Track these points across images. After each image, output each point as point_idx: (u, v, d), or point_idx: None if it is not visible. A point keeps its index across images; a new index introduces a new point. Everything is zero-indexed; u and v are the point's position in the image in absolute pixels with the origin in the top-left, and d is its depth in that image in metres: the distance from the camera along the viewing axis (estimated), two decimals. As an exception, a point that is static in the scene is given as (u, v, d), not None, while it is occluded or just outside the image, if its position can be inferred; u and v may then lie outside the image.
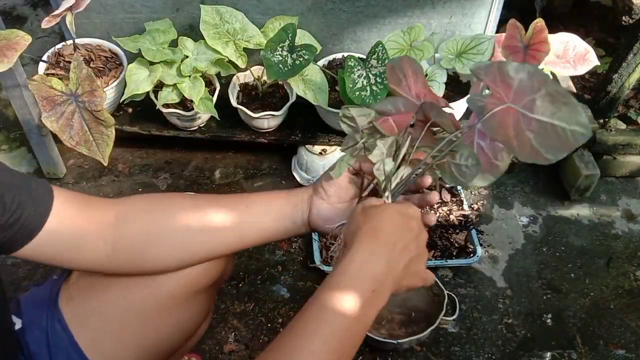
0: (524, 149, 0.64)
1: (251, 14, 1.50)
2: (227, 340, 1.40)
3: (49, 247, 0.75)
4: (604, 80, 1.60)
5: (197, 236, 0.81)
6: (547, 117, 0.62)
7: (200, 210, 0.81)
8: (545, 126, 0.62)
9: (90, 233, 0.77)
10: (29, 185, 0.73)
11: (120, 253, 0.79)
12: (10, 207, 0.70)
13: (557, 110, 0.61)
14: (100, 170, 1.76)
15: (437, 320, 1.32)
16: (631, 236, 1.66)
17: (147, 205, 0.83)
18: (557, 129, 0.61)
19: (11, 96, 1.51)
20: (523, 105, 0.63)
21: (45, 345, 0.84)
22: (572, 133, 0.60)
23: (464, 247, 1.52)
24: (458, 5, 1.52)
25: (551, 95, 0.61)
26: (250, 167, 1.79)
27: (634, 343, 1.43)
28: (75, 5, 1.30)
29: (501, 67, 0.65)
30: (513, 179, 1.78)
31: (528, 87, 0.63)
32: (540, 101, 0.62)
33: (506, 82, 0.65)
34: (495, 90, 0.66)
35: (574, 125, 0.60)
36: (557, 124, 0.61)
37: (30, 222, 0.72)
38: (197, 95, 1.45)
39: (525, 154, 0.64)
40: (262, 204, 0.83)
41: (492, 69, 0.67)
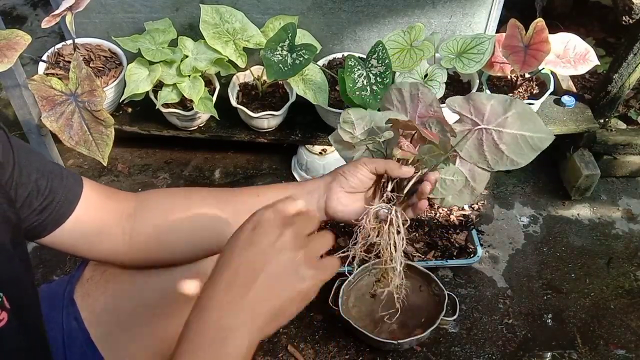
0: (500, 160, 0.83)
1: (251, 14, 1.50)
2: (227, 341, 1.40)
3: (74, 235, 0.78)
4: (604, 80, 1.60)
5: (212, 226, 0.83)
6: (516, 129, 0.81)
7: (214, 202, 0.84)
8: (516, 137, 0.82)
9: (112, 223, 0.81)
10: (61, 173, 0.77)
11: (137, 242, 0.82)
12: (43, 191, 0.73)
13: (524, 124, 0.81)
14: (99, 170, 1.76)
15: (438, 321, 1.32)
16: (631, 236, 1.65)
17: (166, 196, 0.87)
18: (525, 138, 0.82)
19: (11, 96, 1.51)
20: (496, 124, 0.82)
21: (61, 343, 0.85)
22: (539, 139, 0.81)
23: (464, 247, 1.52)
24: (458, 4, 1.52)
25: (519, 113, 0.81)
26: (250, 167, 1.79)
27: (634, 343, 1.42)
28: (75, 5, 1.30)
29: (473, 97, 0.82)
30: (513, 179, 1.78)
31: (499, 110, 0.81)
32: (511, 118, 0.81)
33: (479, 109, 0.82)
34: (468, 118, 0.83)
35: (538, 133, 0.81)
36: (525, 134, 0.81)
37: (60, 208, 0.75)
38: (196, 95, 1.45)
39: (502, 163, 0.83)
40: (274, 192, 0.85)
41: (464, 101, 0.83)
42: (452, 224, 1.57)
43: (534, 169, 1.80)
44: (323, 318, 1.44)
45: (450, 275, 1.54)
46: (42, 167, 0.75)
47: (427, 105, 0.86)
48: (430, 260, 1.49)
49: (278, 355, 1.38)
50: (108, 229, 0.80)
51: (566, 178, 1.74)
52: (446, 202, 0.89)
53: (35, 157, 0.75)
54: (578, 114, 1.66)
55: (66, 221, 0.76)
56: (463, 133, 0.84)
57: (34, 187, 0.73)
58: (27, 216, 0.73)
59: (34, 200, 0.73)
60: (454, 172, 0.85)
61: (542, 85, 1.61)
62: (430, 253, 1.51)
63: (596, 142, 1.67)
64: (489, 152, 0.83)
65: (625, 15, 1.39)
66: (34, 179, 0.73)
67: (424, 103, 0.86)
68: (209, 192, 0.88)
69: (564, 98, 1.67)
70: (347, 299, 1.40)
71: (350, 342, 1.40)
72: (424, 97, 0.86)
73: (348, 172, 0.83)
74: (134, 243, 0.82)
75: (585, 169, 1.65)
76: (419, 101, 0.86)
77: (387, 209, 0.80)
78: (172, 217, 0.83)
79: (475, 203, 1.70)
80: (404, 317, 1.41)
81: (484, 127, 0.83)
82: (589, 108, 1.67)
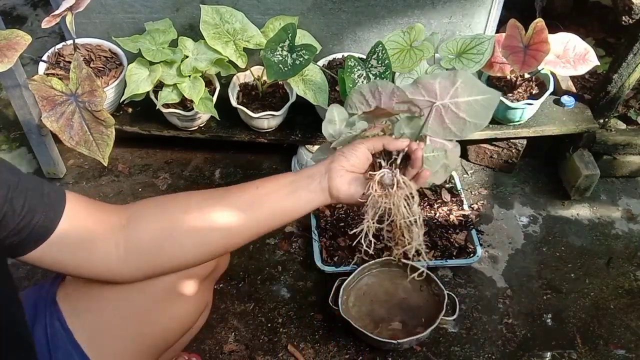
0: (464, 127, 0.88)
1: (251, 14, 1.50)
2: (227, 340, 1.40)
3: (59, 252, 0.75)
4: (604, 80, 1.60)
5: (213, 226, 0.81)
6: (467, 96, 0.87)
7: (212, 201, 0.81)
8: (470, 103, 0.87)
9: (101, 237, 0.77)
10: (42, 189, 0.73)
11: (133, 254, 0.79)
12: (20, 211, 0.69)
13: (472, 90, 0.86)
14: (100, 170, 1.76)
15: (437, 320, 1.32)
16: (631, 236, 1.66)
17: (159, 205, 0.83)
18: (478, 101, 0.87)
19: (11, 96, 1.52)
20: (450, 97, 0.87)
21: (45, 344, 0.84)
22: (488, 99, 0.87)
23: (464, 247, 1.52)
24: (458, 5, 1.52)
25: (465, 82, 0.86)
26: (250, 167, 1.79)
27: (634, 343, 1.42)
28: (75, 5, 1.30)
29: (420, 81, 0.88)
30: (513, 179, 1.78)
31: (447, 84, 0.86)
32: (460, 88, 0.86)
33: (428, 89, 0.87)
34: (423, 100, 0.88)
35: (485, 94, 0.86)
36: (477, 98, 0.86)
37: (39, 227, 0.72)
38: (197, 95, 1.45)
39: (467, 129, 0.88)
40: (272, 183, 0.84)
41: (413, 86, 0.89)
42: (452, 224, 1.57)
43: (533, 169, 1.80)
44: (323, 318, 1.44)
45: (450, 275, 1.54)
46: (20, 185, 0.71)
47: (389, 94, 0.89)
48: (430, 260, 1.49)
49: (278, 355, 1.38)
50: (98, 243, 0.77)
51: (566, 178, 1.74)
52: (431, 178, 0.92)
53: (10, 174, 0.71)
54: (578, 114, 1.66)
55: (50, 238, 0.73)
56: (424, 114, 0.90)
57: (9, 208, 0.69)
58: (4, 237, 0.69)
59: (10, 221, 0.69)
60: (432, 149, 0.90)
61: (542, 86, 1.61)
62: (430, 253, 1.51)
63: (596, 142, 1.67)
64: (451, 123, 0.88)
65: (625, 15, 1.40)
66: (9, 199, 0.69)
67: (386, 93, 0.89)
68: (204, 193, 0.85)
69: (564, 98, 1.67)
70: (347, 299, 1.40)
71: (350, 342, 1.40)
72: (383, 89, 0.89)
73: (347, 151, 0.85)
74: (130, 256, 0.79)
75: (585, 169, 1.65)
76: (380, 94, 0.90)
77: (391, 172, 0.83)
78: (170, 224, 0.80)
79: (475, 203, 1.70)
80: (404, 316, 1.42)
81: (439, 103, 0.88)
82: (589, 108, 1.67)
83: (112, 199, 1.69)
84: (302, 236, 1.61)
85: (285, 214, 0.85)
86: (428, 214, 1.59)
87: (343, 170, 0.84)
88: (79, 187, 1.72)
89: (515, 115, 1.58)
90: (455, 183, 1.66)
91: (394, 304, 1.44)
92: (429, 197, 1.63)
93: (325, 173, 0.84)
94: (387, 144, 0.86)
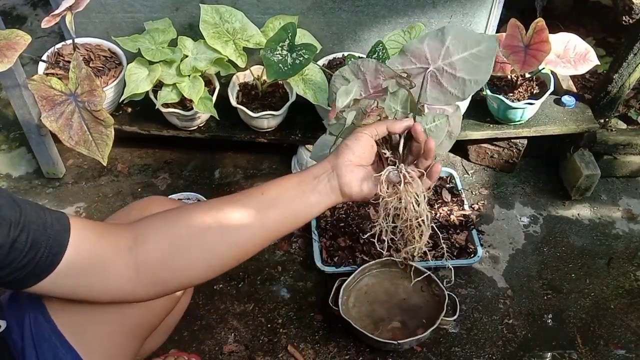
0: (465, 86, 0.82)
1: (251, 13, 1.50)
2: (226, 341, 1.40)
3: (68, 282, 0.73)
4: (604, 80, 1.60)
5: (222, 237, 0.78)
6: (462, 52, 0.81)
7: (218, 212, 0.78)
8: (466, 59, 0.81)
9: (110, 262, 0.75)
10: (44, 219, 0.70)
11: (145, 274, 0.77)
12: (23, 247, 0.67)
13: (466, 43, 0.81)
14: (99, 170, 1.76)
15: (438, 321, 1.31)
16: (632, 236, 1.65)
17: (163, 221, 0.79)
18: (474, 55, 0.81)
19: (11, 96, 1.51)
20: (442, 57, 0.82)
21: (30, 338, 0.84)
22: (485, 48, 0.80)
23: (464, 248, 1.52)
24: (459, 4, 1.52)
25: (456, 37, 0.81)
26: (250, 167, 1.79)
27: (634, 343, 1.42)
28: (75, 5, 1.30)
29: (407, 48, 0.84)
30: (514, 179, 1.78)
31: (437, 45, 0.82)
32: (452, 46, 0.81)
33: (418, 54, 0.83)
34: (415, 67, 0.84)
35: (481, 43, 0.81)
36: (472, 51, 0.81)
37: (44, 260, 0.70)
38: (196, 95, 1.45)
39: (469, 89, 0.82)
40: (277, 186, 0.81)
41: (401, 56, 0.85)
42: (453, 224, 1.57)
43: (534, 169, 1.80)
44: (323, 318, 1.44)
45: (450, 275, 1.54)
46: (20, 219, 0.68)
47: (373, 72, 0.85)
48: (430, 261, 1.48)
49: (278, 356, 1.38)
50: (108, 267, 0.75)
51: (566, 178, 1.74)
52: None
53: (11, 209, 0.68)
54: (578, 114, 1.65)
55: (56, 269, 0.71)
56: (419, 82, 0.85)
57: (11, 246, 0.66)
58: (7, 273, 0.68)
59: (13, 258, 0.67)
60: (433, 117, 0.85)
61: (543, 85, 1.61)
62: (430, 253, 1.50)
63: (596, 142, 1.67)
64: (450, 86, 0.83)
65: (625, 15, 1.39)
66: (12, 237, 0.66)
67: (370, 72, 0.85)
68: (207, 204, 0.82)
69: (564, 98, 1.67)
70: (347, 299, 1.40)
71: (350, 343, 1.40)
72: (366, 68, 0.85)
73: (350, 142, 0.80)
74: (142, 277, 0.77)
75: (585, 169, 1.65)
76: (364, 74, 0.86)
77: (396, 169, 0.80)
78: (178, 240, 0.77)
79: (476, 203, 1.70)
80: (404, 317, 1.41)
81: (433, 67, 0.83)
82: (589, 108, 1.67)
83: (112, 199, 1.69)
84: (302, 236, 1.60)
85: (295, 219, 0.81)
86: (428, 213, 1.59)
87: (352, 165, 0.80)
88: (78, 187, 1.72)
89: (515, 115, 1.58)
90: (456, 183, 1.66)
91: (394, 304, 1.43)
92: (429, 197, 1.62)
93: (333, 171, 0.80)
94: (390, 126, 0.81)
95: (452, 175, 1.68)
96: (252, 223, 0.79)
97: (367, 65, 0.85)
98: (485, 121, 1.64)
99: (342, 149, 0.81)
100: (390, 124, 0.81)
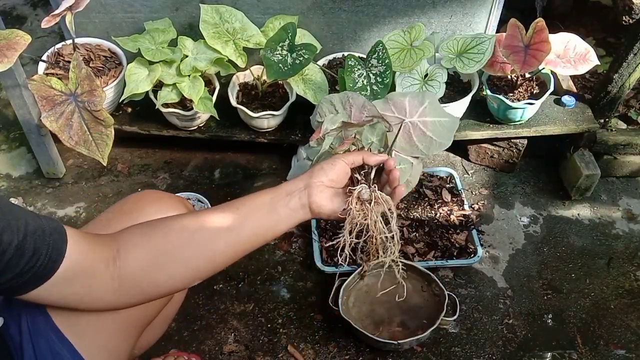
0: (430, 144, 0.95)
1: (251, 13, 1.50)
2: (226, 341, 1.40)
3: (60, 290, 0.75)
4: (604, 80, 1.60)
5: (198, 252, 0.81)
6: (434, 117, 0.95)
7: (193, 230, 0.81)
8: (436, 123, 0.95)
9: (100, 273, 0.78)
10: (43, 229, 0.72)
11: (126, 286, 0.80)
12: (28, 254, 0.69)
13: (437, 111, 0.96)
14: (99, 170, 1.76)
15: (438, 321, 1.31)
16: (632, 236, 1.65)
17: (143, 235, 0.82)
18: (442, 123, 0.95)
19: (11, 96, 1.51)
20: (418, 115, 0.95)
21: (27, 333, 0.84)
22: (450, 122, 0.96)
23: (464, 248, 1.52)
24: (459, 4, 1.52)
25: (431, 103, 0.96)
26: (250, 167, 1.79)
27: (634, 343, 1.42)
28: (75, 5, 1.30)
29: (391, 98, 0.96)
30: (514, 179, 1.78)
31: (416, 103, 0.95)
32: (428, 108, 0.95)
33: (399, 106, 0.96)
34: (393, 116, 0.95)
35: (447, 117, 0.96)
36: (441, 120, 0.95)
37: (42, 269, 0.71)
38: (196, 95, 1.45)
39: (433, 147, 0.95)
40: (251, 202, 0.84)
41: (384, 102, 0.96)
42: (452, 224, 1.57)
43: (534, 169, 1.80)
44: (323, 318, 1.44)
45: (450, 275, 1.54)
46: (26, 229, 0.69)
47: (360, 107, 0.94)
48: (431, 261, 1.49)
49: (278, 356, 1.38)
50: (97, 279, 0.77)
51: (566, 178, 1.74)
52: None
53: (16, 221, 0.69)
54: (578, 114, 1.65)
55: (53, 276, 0.72)
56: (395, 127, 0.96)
57: (17, 254, 0.68)
58: (5, 280, 0.69)
59: (15, 266, 0.68)
60: (400, 161, 0.95)
61: (543, 85, 1.61)
62: (430, 253, 1.51)
63: (596, 142, 1.67)
64: (419, 140, 0.95)
65: (625, 15, 1.39)
66: (15, 244, 0.68)
67: (356, 106, 0.94)
68: (184, 218, 0.84)
69: (564, 98, 1.67)
70: (347, 299, 1.40)
71: (350, 343, 1.40)
72: (354, 101, 0.94)
73: (326, 166, 0.86)
74: (124, 288, 0.80)
75: (585, 169, 1.65)
76: (351, 106, 0.94)
77: (368, 187, 0.86)
78: (157, 257, 0.80)
79: (476, 203, 1.70)
80: (404, 317, 1.41)
81: (408, 120, 0.95)
82: (589, 108, 1.67)
83: (112, 199, 1.69)
84: (302, 236, 1.60)
85: (267, 233, 0.85)
86: (429, 214, 1.59)
87: (322, 186, 0.85)
88: (78, 187, 1.72)
89: (515, 115, 1.58)
90: (456, 183, 1.66)
91: (395, 304, 1.43)
92: (429, 198, 1.62)
93: (305, 189, 0.85)
94: (367, 158, 0.87)
95: (452, 175, 1.68)
96: (227, 239, 0.83)
97: (355, 99, 0.94)
98: (485, 121, 1.64)
99: (316, 171, 0.86)
100: (367, 156, 0.88)
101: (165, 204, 0.96)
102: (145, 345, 1.11)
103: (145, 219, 0.87)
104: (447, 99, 1.53)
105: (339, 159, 0.87)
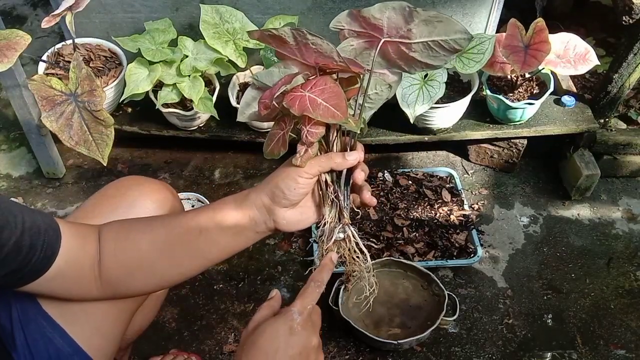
0: (413, 65, 0.76)
1: (251, 14, 1.50)
2: (226, 341, 1.40)
3: (51, 285, 0.77)
4: (604, 80, 1.60)
5: (170, 267, 0.83)
6: (425, 37, 0.72)
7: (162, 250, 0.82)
8: (427, 44, 0.73)
9: (87, 268, 0.80)
10: (39, 226, 0.73)
11: (107, 288, 0.83)
12: (24, 251, 0.70)
13: (434, 28, 0.71)
14: (99, 170, 1.76)
15: (438, 321, 1.32)
16: (631, 236, 1.65)
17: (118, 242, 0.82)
18: (438, 43, 0.72)
19: (11, 96, 1.51)
20: (400, 36, 0.73)
21: (18, 321, 0.85)
22: (454, 41, 0.71)
23: (464, 248, 1.52)
24: (459, 4, 1.52)
25: (424, 20, 0.70)
26: (250, 167, 1.79)
27: (634, 343, 1.42)
28: (75, 5, 1.30)
29: (363, 14, 0.74)
30: (513, 179, 1.78)
31: (400, 21, 0.72)
32: (415, 29, 0.71)
33: (373, 24, 0.74)
34: (364, 33, 0.75)
35: (453, 35, 0.71)
36: (437, 39, 0.72)
37: (37, 265, 0.73)
38: (196, 95, 1.45)
39: (417, 67, 0.76)
40: (215, 228, 0.81)
41: (351, 17, 0.76)
42: (452, 224, 1.57)
43: (534, 169, 1.80)
44: (323, 318, 1.44)
45: (450, 275, 1.54)
46: (24, 226, 0.70)
47: (327, 57, 0.75)
48: (431, 261, 1.49)
49: (278, 356, 1.37)
50: (85, 273, 0.80)
51: (566, 178, 1.74)
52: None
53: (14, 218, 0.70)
54: (578, 114, 1.65)
55: (47, 272, 0.74)
56: (360, 46, 0.77)
57: (15, 251, 0.69)
58: (1, 276, 0.70)
59: (12, 261, 0.69)
60: (375, 84, 0.78)
61: (542, 85, 1.61)
62: (430, 253, 1.51)
63: (596, 142, 1.67)
64: (399, 59, 0.76)
65: (625, 15, 1.39)
66: (13, 241, 0.68)
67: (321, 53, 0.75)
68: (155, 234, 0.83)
69: (564, 98, 1.67)
70: (347, 299, 1.40)
71: (350, 342, 1.40)
72: (317, 47, 0.75)
73: (286, 189, 0.76)
74: (104, 287, 0.82)
75: (585, 169, 1.65)
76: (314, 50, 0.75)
77: (342, 231, 0.79)
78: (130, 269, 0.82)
79: (476, 203, 1.70)
80: (404, 317, 1.41)
81: (385, 39, 0.74)
82: (589, 108, 1.67)
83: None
84: (302, 236, 1.60)
85: (234, 251, 0.85)
86: (428, 214, 1.59)
87: (287, 211, 0.79)
88: (79, 187, 1.72)
89: (515, 115, 1.58)
90: (456, 183, 1.66)
91: (394, 304, 1.43)
92: (429, 198, 1.62)
93: (270, 216, 0.79)
94: (338, 166, 0.76)
95: (452, 175, 1.68)
96: (196, 258, 0.83)
97: (320, 46, 0.75)
98: (485, 121, 1.64)
99: (275, 194, 0.77)
100: (337, 163, 0.76)
101: (148, 188, 0.98)
102: (138, 330, 1.11)
103: (127, 202, 0.92)
104: (447, 99, 1.53)
105: (302, 175, 0.75)
